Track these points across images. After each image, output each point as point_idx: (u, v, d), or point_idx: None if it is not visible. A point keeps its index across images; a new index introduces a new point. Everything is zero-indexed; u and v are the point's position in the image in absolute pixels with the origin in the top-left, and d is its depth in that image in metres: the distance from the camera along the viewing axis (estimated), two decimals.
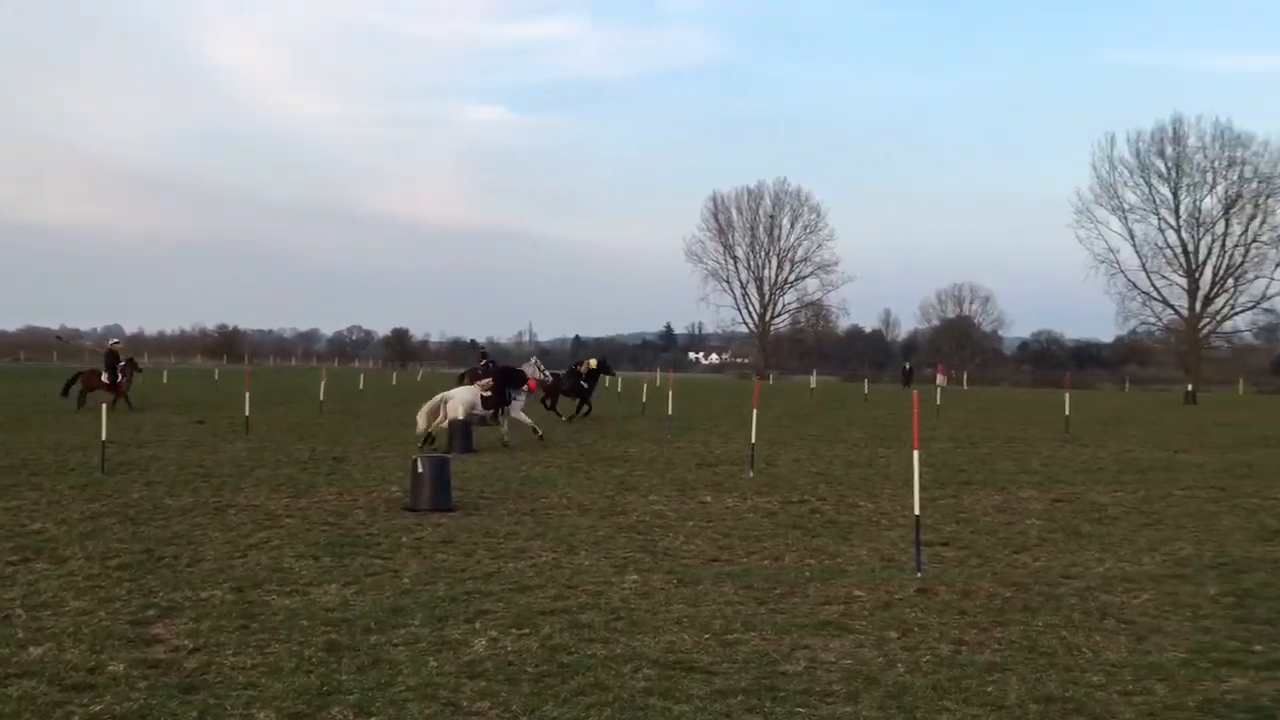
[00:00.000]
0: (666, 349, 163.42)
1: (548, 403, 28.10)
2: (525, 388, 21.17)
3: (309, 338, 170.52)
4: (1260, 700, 5.44)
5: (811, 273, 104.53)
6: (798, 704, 5.34)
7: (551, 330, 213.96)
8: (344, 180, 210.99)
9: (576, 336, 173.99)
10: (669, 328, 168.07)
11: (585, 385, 28.90)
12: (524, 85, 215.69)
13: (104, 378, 27.09)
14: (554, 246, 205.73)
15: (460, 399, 19.51)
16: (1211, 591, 8.05)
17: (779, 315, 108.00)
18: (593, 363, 29.67)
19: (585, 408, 28.45)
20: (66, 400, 27.60)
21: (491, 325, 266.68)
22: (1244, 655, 6.30)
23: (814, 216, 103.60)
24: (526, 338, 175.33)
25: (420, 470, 11.76)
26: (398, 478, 13.93)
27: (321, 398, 31.21)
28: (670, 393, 26.15)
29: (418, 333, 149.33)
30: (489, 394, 20.58)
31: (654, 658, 6.10)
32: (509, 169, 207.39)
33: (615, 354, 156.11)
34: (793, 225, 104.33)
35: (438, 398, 19.58)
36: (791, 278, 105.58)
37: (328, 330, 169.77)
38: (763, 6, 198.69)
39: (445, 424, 18.96)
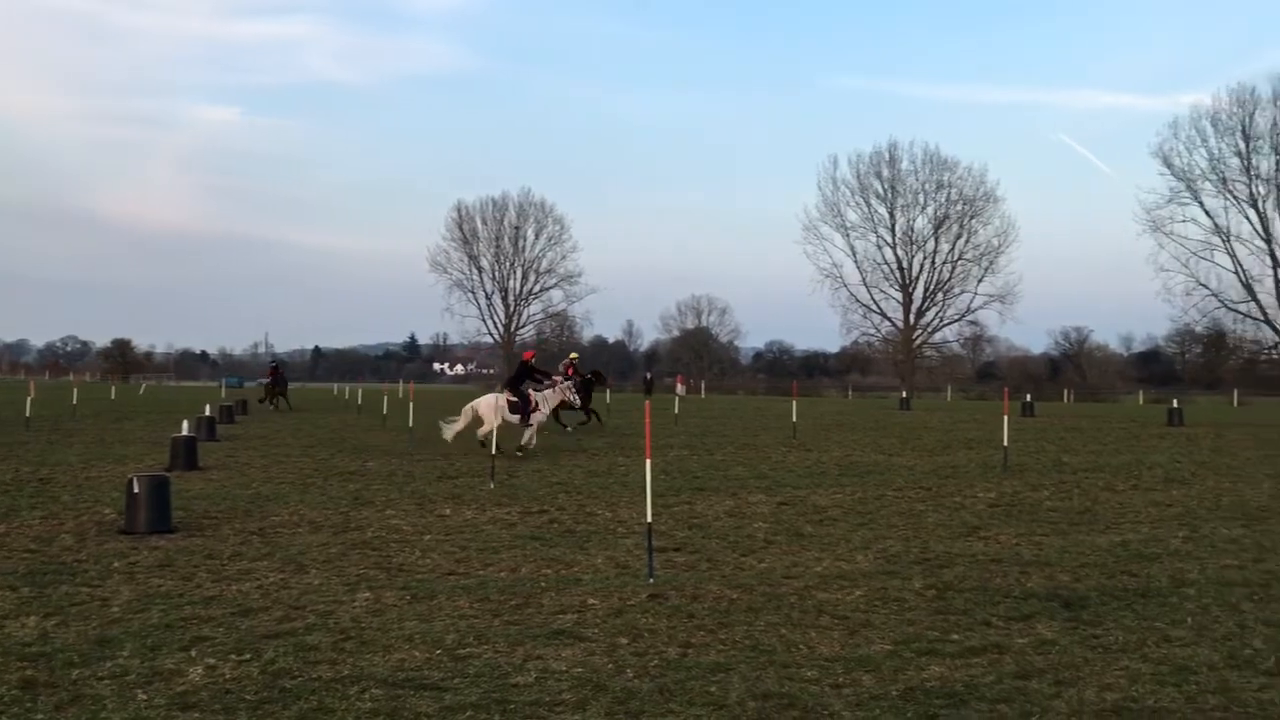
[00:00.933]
0: (411, 360, 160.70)
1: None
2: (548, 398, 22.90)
3: (17, 349, 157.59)
4: (955, 686, 5.87)
5: (556, 284, 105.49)
6: (527, 715, 5.36)
7: (290, 341, 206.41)
8: (58, 181, 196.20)
9: (316, 348, 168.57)
10: (413, 338, 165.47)
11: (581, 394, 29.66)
12: (260, 86, 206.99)
13: None
14: (292, 254, 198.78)
15: (489, 405, 21.06)
16: (917, 586, 8.64)
17: (524, 326, 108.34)
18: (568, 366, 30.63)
19: (586, 417, 30.04)
20: None
21: (225, 335, 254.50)
22: (942, 644, 6.79)
23: (558, 228, 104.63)
24: (263, 349, 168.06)
25: (136, 490, 11.06)
26: (112, 499, 13.06)
27: (28, 413, 28.81)
28: (412, 404, 25.70)
29: (141, 344, 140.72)
30: (515, 400, 21.71)
31: (383, 677, 5.97)
32: (243, 173, 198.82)
33: (357, 365, 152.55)
34: (537, 236, 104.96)
35: (467, 407, 21.46)
36: (536, 289, 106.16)
37: (38, 341, 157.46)
38: (506, 18, 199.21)
39: (491, 429, 19.54)
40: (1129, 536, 11.15)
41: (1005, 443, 19.93)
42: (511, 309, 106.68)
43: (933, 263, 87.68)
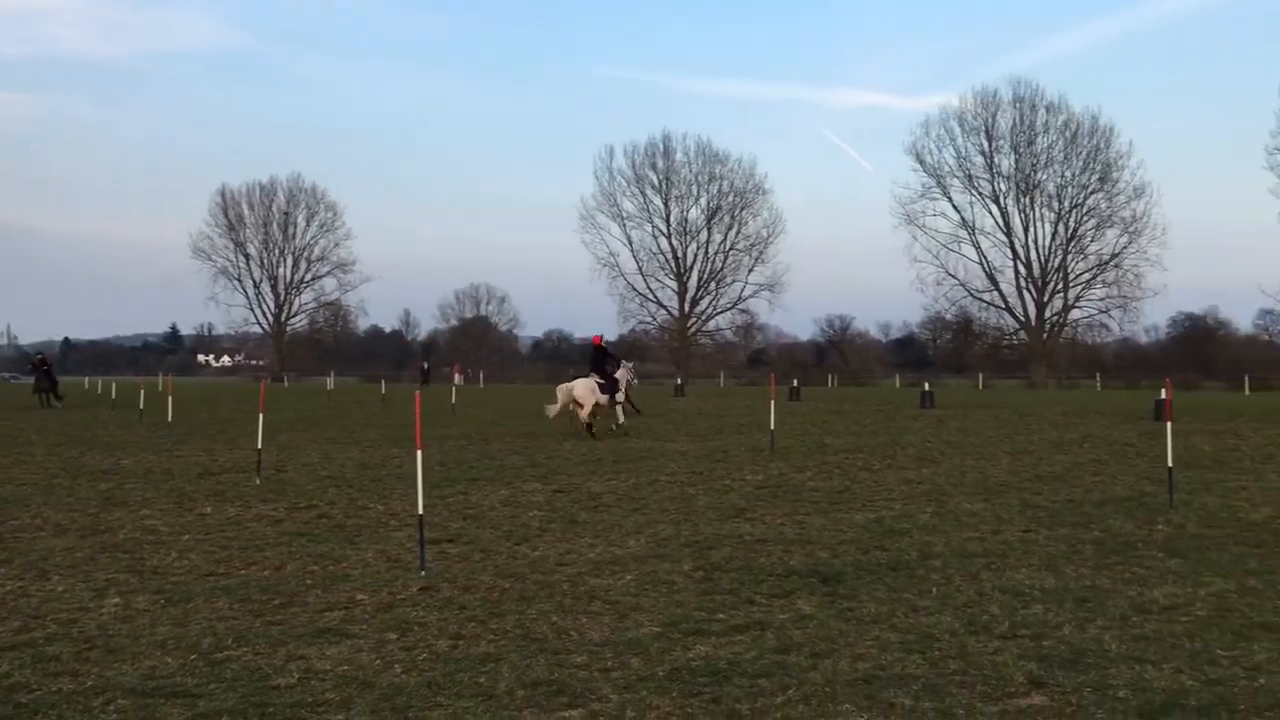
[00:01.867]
0: (173, 351, 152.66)
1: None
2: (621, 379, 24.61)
3: None
4: (719, 664, 6.05)
5: (329, 272, 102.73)
6: (288, 718, 5.19)
7: (36, 332, 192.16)
8: None
9: (66, 339, 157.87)
10: (175, 329, 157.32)
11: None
12: (3, 57, 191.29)
13: None
14: (36, 240, 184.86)
15: (586, 387, 23.06)
16: (686, 568, 8.85)
17: (295, 315, 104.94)
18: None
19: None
20: None
21: None
22: (709, 624, 6.98)
23: (330, 214, 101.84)
24: (5, 340, 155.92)
25: None
26: None
27: None
28: (171, 398, 24.41)
29: None
30: (603, 381, 23.49)
31: (131, 686, 5.65)
32: None
33: (112, 358, 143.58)
34: (308, 223, 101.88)
35: (563, 388, 23.44)
36: (308, 277, 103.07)
37: None
38: None
39: (587, 410, 22.56)
40: (883, 513, 11.78)
41: (772, 426, 20.68)
42: (282, 298, 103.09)
43: (706, 253, 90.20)
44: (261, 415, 16.39)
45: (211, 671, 5.95)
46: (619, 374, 24.76)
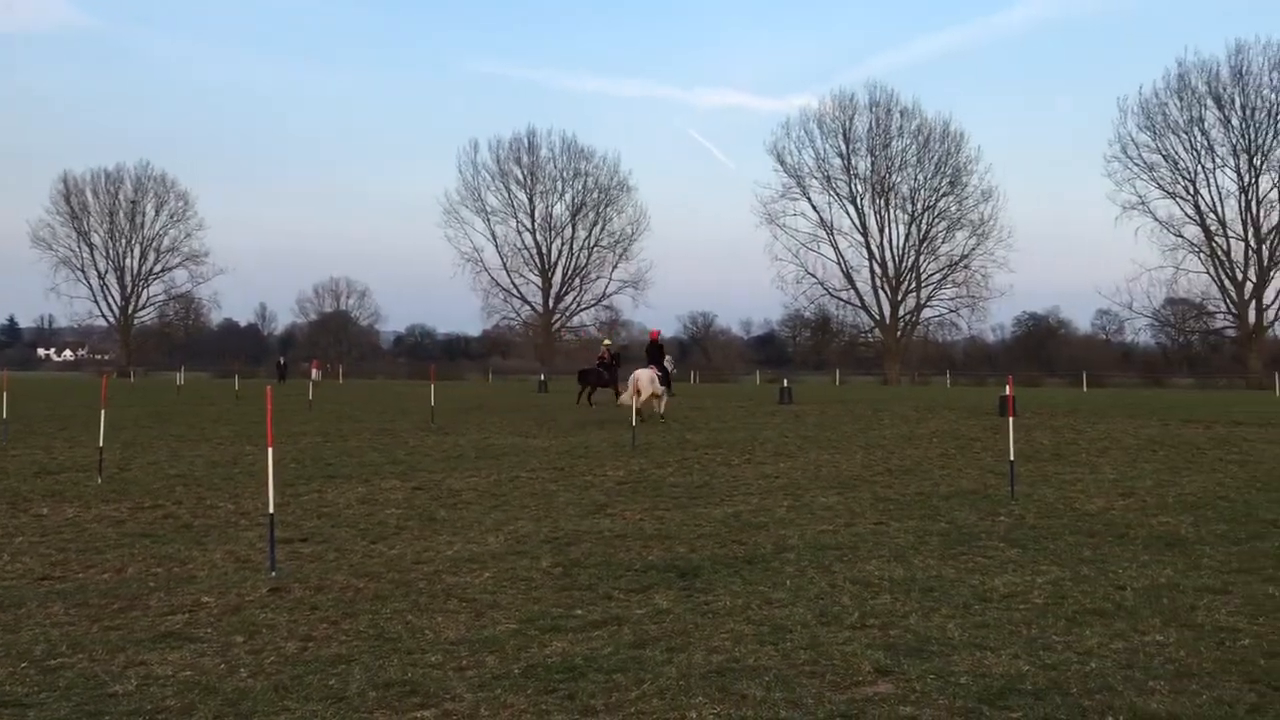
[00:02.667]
0: (10, 345, 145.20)
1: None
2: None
3: None
4: (575, 660, 6.05)
5: (180, 263, 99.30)
6: None
7: None
8: None
9: None
10: (12, 321, 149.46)
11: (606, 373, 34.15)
12: None
13: None
14: None
15: (648, 377, 25.46)
16: (545, 564, 8.83)
17: (144, 308, 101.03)
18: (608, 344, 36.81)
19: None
20: None
21: None
22: (566, 620, 6.97)
23: (181, 204, 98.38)
24: None
25: None
26: None
27: None
28: (4, 393, 23.18)
29: None
30: (661, 373, 26.04)
31: None
32: None
33: None
34: (158, 212, 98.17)
35: (631, 378, 25.58)
36: (158, 268, 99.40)
37: None
38: None
39: (644, 398, 24.87)
40: (741, 508, 11.96)
41: (634, 423, 20.78)
42: (129, 290, 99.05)
43: (570, 249, 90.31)
44: (104, 411, 15.71)
45: (44, 680, 5.67)
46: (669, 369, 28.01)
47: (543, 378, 62.09)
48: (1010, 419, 13.71)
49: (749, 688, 5.51)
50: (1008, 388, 14.93)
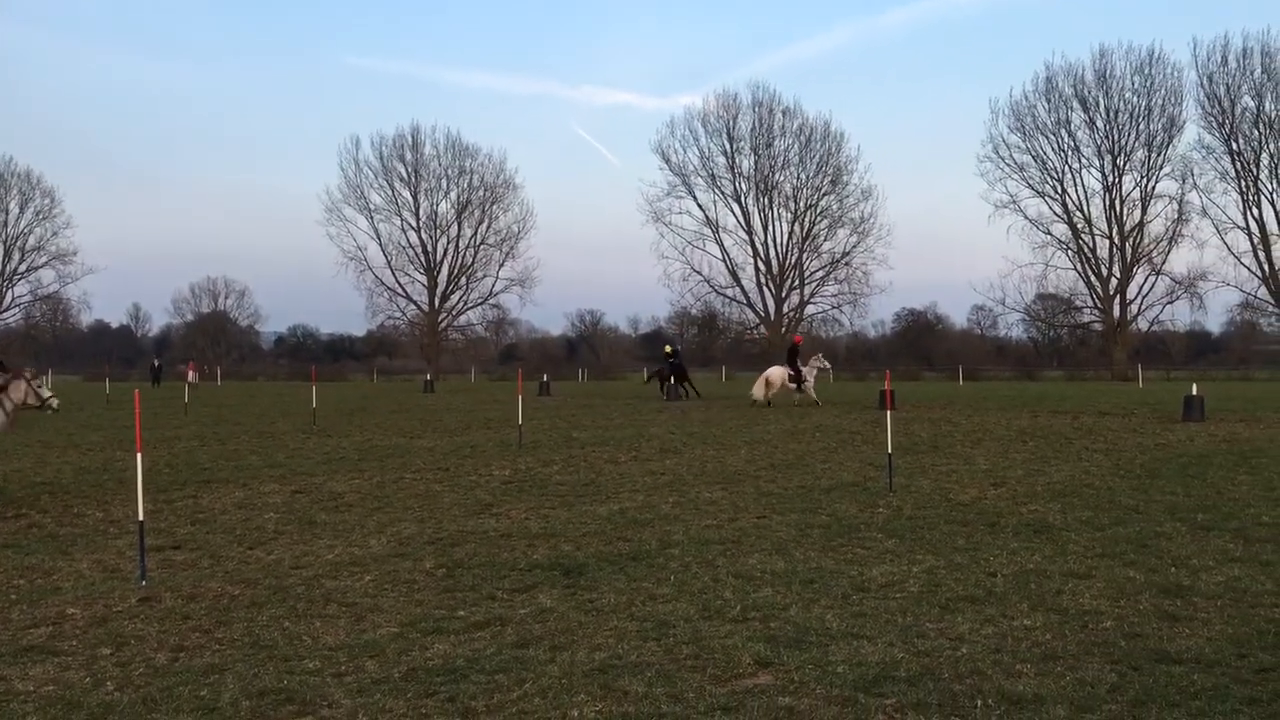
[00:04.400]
0: None
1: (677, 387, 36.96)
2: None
3: None
4: (456, 661, 6.00)
5: (47, 263, 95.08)
6: None
7: None
8: None
9: None
10: None
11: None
12: None
13: None
14: None
15: (779, 373, 30.71)
16: (428, 565, 8.73)
17: (9, 309, 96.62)
18: (668, 348, 39.23)
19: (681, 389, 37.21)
20: None
21: None
22: (449, 622, 6.91)
23: (48, 201, 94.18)
24: None
25: None
26: None
27: None
28: None
29: None
30: (793, 373, 30.68)
31: None
32: None
33: None
34: (22, 210, 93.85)
35: (764, 374, 30.88)
36: (23, 268, 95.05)
37: None
38: None
39: (772, 390, 29.87)
40: (626, 504, 12.01)
41: (520, 422, 20.69)
42: None
43: (456, 247, 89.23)
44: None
45: None
46: (812, 362, 31.94)
47: (429, 377, 61.33)
48: (889, 413, 14.04)
49: (631, 684, 5.53)
50: (886, 382, 15.28)
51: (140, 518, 8.56)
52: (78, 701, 5.36)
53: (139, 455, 8.85)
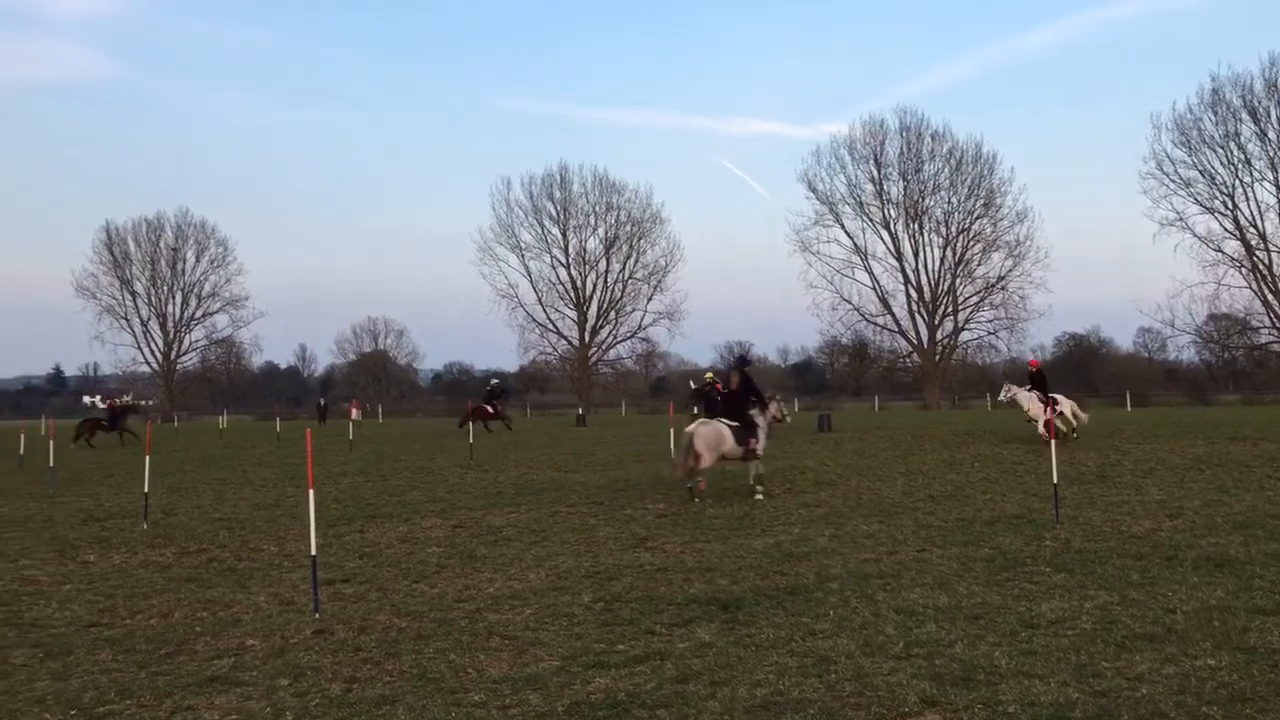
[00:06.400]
0: (57, 393, 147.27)
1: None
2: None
3: None
4: (618, 696, 6.03)
5: (221, 308, 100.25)
6: None
7: None
8: None
9: None
10: (59, 370, 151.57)
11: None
12: None
13: None
14: None
15: (1031, 400, 26.16)
16: (586, 599, 8.82)
17: (186, 353, 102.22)
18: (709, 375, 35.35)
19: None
20: None
21: None
22: (609, 656, 6.96)
23: (221, 250, 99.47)
24: None
25: None
26: None
27: None
28: (52, 441, 23.54)
29: None
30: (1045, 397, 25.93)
31: None
32: None
33: None
34: (198, 259, 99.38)
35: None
36: (199, 314, 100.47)
37: None
38: (154, 25, 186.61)
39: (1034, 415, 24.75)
40: (782, 538, 11.90)
41: (673, 455, 20.72)
42: (171, 336, 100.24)
43: (605, 282, 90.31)
44: (148, 457, 15.89)
45: None
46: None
47: (581, 411, 62.12)
48: (1053, 441, 13.57)
49: None
50: (1049, 411, 14.76)
51: (313, 552, 8.90)
52: None
53: (311, 492, 9.21)
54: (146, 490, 15.70)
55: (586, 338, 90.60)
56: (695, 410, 32.38)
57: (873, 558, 10.42)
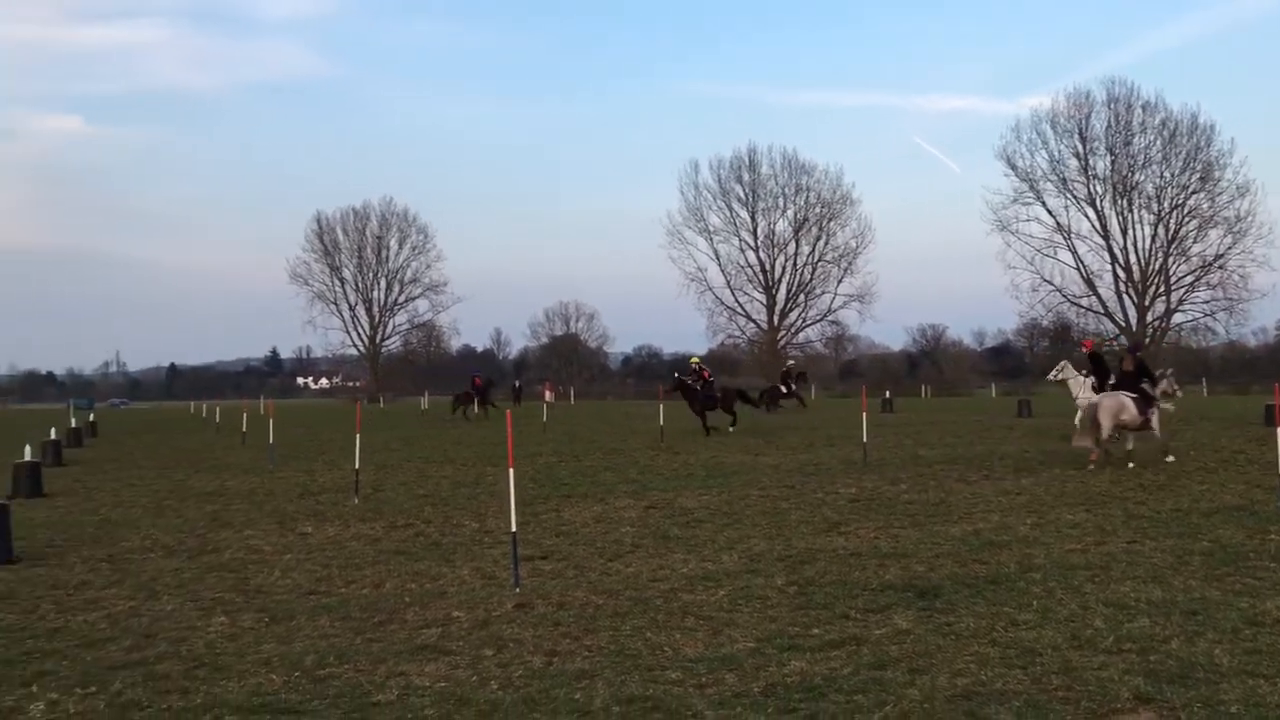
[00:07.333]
0: (273, 375, 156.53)
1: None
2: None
3: None
4: (814, 679, 6.00)
5: (421, 294, 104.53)
6: None
7: (144, 359, 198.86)
8: None
9: (172, 365, 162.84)
10: (275, 353, 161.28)
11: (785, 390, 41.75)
12: (102, 94, 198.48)
13: None
14: (140, 269, 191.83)
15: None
16: (779, 582, 8.80)
17: (390, 337, 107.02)
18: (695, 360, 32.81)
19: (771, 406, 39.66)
20: None
21: (73, 355, 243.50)
22: (804, 639, 6.93)
23: (422, 237, 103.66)
24: (114, 367, 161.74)
25: None
26: None
27: None
28: (271, 420, 25.05)
29: None
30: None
31: (237, 703, 5.81)
32: (86, 184, 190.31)
33: (216, 383, 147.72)
34: (401, 246, 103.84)
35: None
36: (401, 299, 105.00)
37: None
38: (364, 25, 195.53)
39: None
40: (980, 525, 11.56)
41: (865, 439, 20.44)
42: (376, 320, 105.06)
43: (794, 265, 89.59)
44: (358, 436, 16.71)
45: (315, 688, 6.08)
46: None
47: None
48: (1278, 429, 12.70)
49: (998, 712, 5.32)
50: (1276, 396, 13.82)
51: (513, 529, 9.18)
52: (467, 698, 5.82)
53: (510, 471, 9.50)
54: (357, 467, 16.52)
55: (775, 321, 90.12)
56: (698, 405, 29.09)
57: (1079, 548, 10.01)
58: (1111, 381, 18.65)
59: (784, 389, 45.02)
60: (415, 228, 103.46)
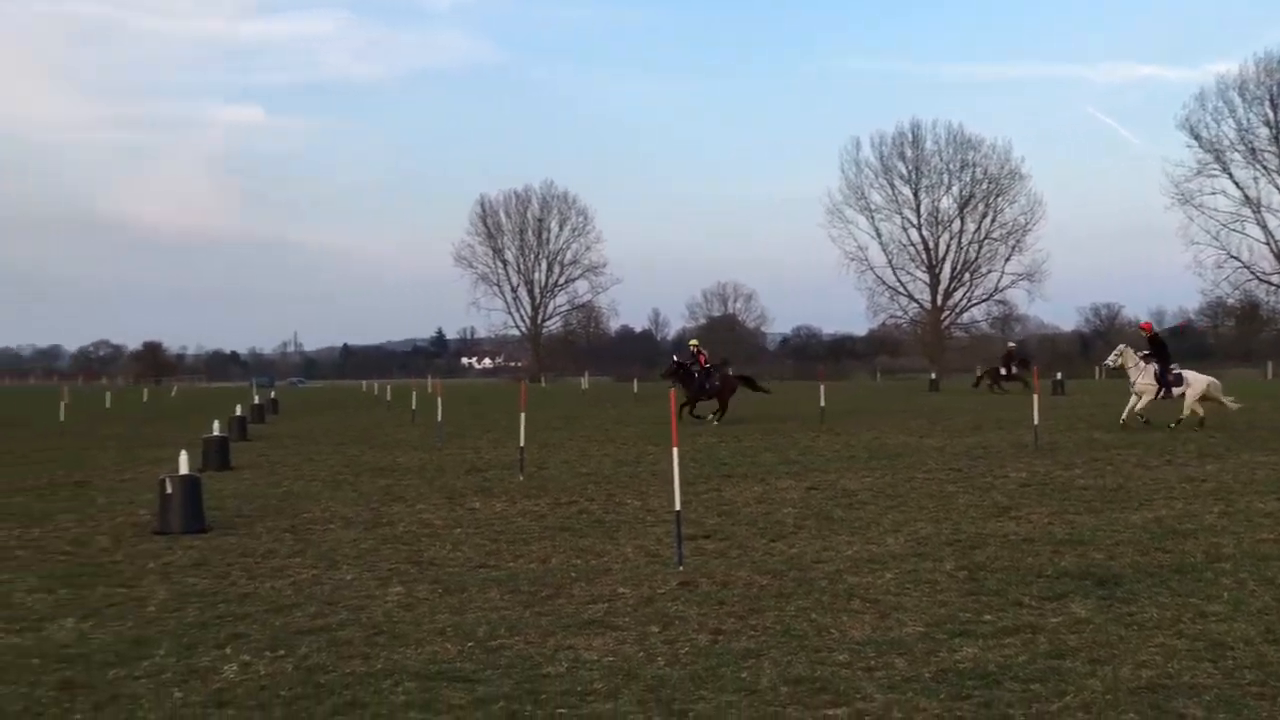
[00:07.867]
0: (439, 355, 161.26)
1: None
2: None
3: (49, 355, 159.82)
4: (988, 666, 5.84)
5: (581, 275, 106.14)
6: (559, 705, 5.37)
7: (319, 339, 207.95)
8: (83, 186, 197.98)
9: (345, 345, 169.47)
10: (441, 333, 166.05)
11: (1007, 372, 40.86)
12: (280, 85, 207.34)
13: None
14: (317, 253, 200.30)
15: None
16: (948, 567, 8.59)
17: (550, 318, 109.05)
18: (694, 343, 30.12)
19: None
20: None
21: (254, 336, 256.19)
22: (975, 625, 6.75)
23: (582, 219, 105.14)
24: (292, 347, 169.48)
25: (169, 491, 11.16)
26: (146, 500, 13.15)
27: (61, 418, 29.14)
28: (439, 399, 25.82)
29: (172, 346, 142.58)
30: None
31: (415, 670, 6.01)
32: (265, 172, 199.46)
33: (385, 362, 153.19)
34: (561, 228, 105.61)
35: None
36: (561, 280, 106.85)
37: (71, 346, 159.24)
38: (524, 9, 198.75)
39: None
40: (1163, 513, 11.05)
41: (1035, 422, 19.80)
42: (537, 301, 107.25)
43: (959, 243, 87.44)
44: (523, 414, 17.07)
45: (487, 658, 6.24)
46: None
47: (934, 376, 60.51)
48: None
49: (1187, 707, 5.07)
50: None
51: (677, 508, 9.22)
52: (634, 673, 5.88)
53: (675, 450, 9.54)
54: (522, 445, 16.88)
55: (939, 300, 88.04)
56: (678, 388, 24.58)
57: (1272, 538, 9.46)
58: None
59: (1005, 371, 43.97)
60: (575, 210, 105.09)
